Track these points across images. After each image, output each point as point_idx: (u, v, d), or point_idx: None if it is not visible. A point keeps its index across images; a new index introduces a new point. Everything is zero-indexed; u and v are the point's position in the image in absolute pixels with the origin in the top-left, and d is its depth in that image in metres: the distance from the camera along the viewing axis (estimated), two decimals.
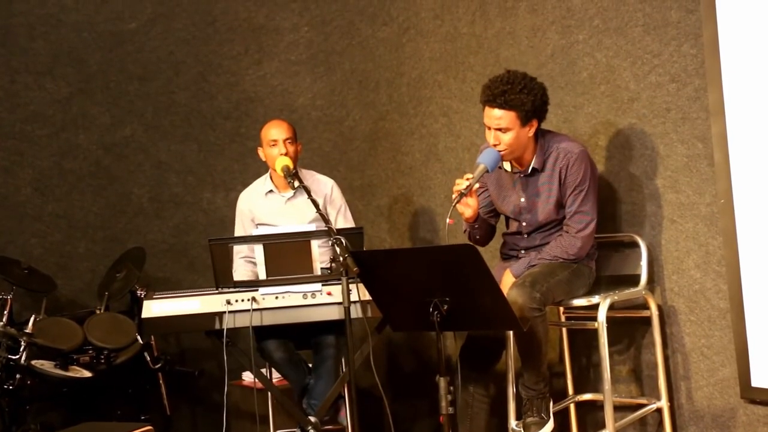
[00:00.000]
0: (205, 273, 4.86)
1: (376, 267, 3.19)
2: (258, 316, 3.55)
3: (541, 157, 3.52)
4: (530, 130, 3.46)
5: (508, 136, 3.42)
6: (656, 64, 3.58)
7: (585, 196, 3.47)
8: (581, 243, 3.48)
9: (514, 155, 3.51)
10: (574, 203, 3.49)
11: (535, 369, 3.40)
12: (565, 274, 3.48)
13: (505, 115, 3.39)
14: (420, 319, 3.08)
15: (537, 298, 3.31)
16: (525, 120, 3.41)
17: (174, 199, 5.33)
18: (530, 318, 3.28)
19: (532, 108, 3.40)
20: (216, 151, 5.34)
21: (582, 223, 3.48)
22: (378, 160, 5.11)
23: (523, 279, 3.42)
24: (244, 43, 5.33)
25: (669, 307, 3.63)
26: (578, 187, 3.46)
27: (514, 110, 3.38)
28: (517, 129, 3.41)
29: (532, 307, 3.29)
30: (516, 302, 3.28)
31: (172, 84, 5.33)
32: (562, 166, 3.47)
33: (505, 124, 3.40)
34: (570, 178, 3.47)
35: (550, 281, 3.41)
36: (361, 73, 5.15)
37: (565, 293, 3.47)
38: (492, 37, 4.33)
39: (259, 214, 4.15)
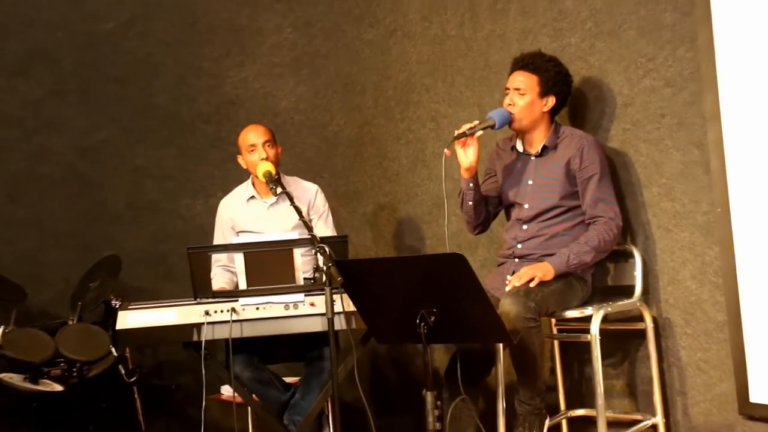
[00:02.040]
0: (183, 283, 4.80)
1: (360, 277, 3.18)
2: (237, 328, 3.52)
3: (554, 137, 3.62)
4: (546, 105, 3.59)
5: (523, 99, 3.57)
6: (651, 68, 3.58)
7: (605, 184, 3.53)
8: (617, 230, 3.50)
9: (523, 124, 3.60)
10: (594, 191, 3.52)
11: (530, 383, 3.39)
12: (558, 285, 3.48)
13: (527, 77, 3.57)
14: (406, 331, 3.06)
15: (532, 308, 3.31)
16: (545, 89, 3.57)
17: (151, 206, 5.30)
18: (525, 329, 3.27)
19: (555, 79, 3.57)
20: (196, 156, 5.32)
21: (611, 212, 3.51)
22: (363, 166, 5.09)
23: (516, 289, 3.41)
24: (226, 44, 5.31)
25: (664, 319, 3.62)
26: (597, 174, 3.52)
27: (537, 74, 3.56)
28: (534, 96, 3.56)
29: (526, 317, 3.28)
30: (509, 312, 3.27)
31: (150, 86, 5.30)
32: (575, 152, 3.55)
33: (525, 86, 3.57)
34: (586, 163, 3.53)
35: (545, 291, 3.41)
36: (347, 76, 5.14)
37: (557, 304, 3.47)
38: (481, 39, 4.33)
39: (241, 221, 4.13)
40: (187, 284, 3.67)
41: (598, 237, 3.48)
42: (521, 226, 3.65)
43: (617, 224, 3.52)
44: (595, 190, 3.52)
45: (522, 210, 3.65)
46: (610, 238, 3.50)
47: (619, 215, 3.53)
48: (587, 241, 3.49)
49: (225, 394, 4.51)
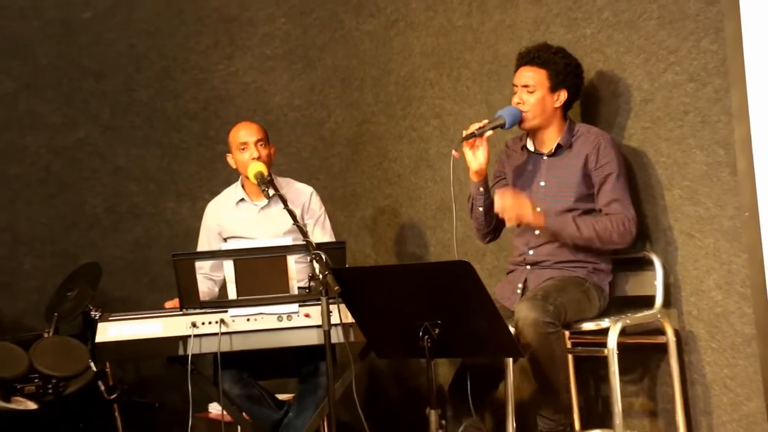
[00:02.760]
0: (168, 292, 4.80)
1: (359, 286, 3.18)
2: (227, 341, 3.52)
3: (568, 135, 3.63)
4: (557, 100, 3.61)
5: (533, 96, 3.59)
6: (672, 61, 3.59)
7: (621, 185, 3.54)
8: (632, 234, 3.50)
9: (534, 123, 3.61)
10: (610, 190, 3.53)
11: (553, 397, 3.39)
12: (577, 293, 3.49)
13: (535, 72, 3.59)
14: (408, 344, 3.06)
15: (551, 312, 3.32)
16: (554, 84, 3.58)
17: (133, 210, 5.30)
18: (544, 335, 3.28)
19: (564, 72, 3.58)
20: (181, 155, 5.32)
21: (628, 213, 3.51)
22: (362, 167, 5.10)
23: (534, 293, 3.43)
24: (214, 35, 5.32)
25: (687, 332, 3.62)
26: (614, 173, 3.53)
27: (545, 68, 3.58)
28: (544, 92, 3.58)
29: (546, 322, 3.29)
30: (527, 318, 3.28)
31: (132, 81, 5.31)
32: (592, 149, 3.57)
33: (533, 82, 3.59)
34: (603, 161, 3.55)
35: (564, 296, 3.42)
36: (344, 69, 5.14)
37: (575, 313, 3.47)
38: (490, 30, 4.33)
39: (229, 226, 4.14)
40: (172, 294, 3.67)
41: (609, 227, 3.49)
42: (533, 231, 3.66)
43: (633, 226, 3.52)
44: (611, 189, 3.53)
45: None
46: (618, 235, 3.49)
47: (635, 219, 3.54)
48: (596, 223, 3.50)
49: (213, 412, 4.51)
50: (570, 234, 3.52)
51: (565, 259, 3.59)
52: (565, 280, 3.54)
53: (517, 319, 3.33)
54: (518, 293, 3.65)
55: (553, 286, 3.48)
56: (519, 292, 3.65)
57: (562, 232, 3.53)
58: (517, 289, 3.67)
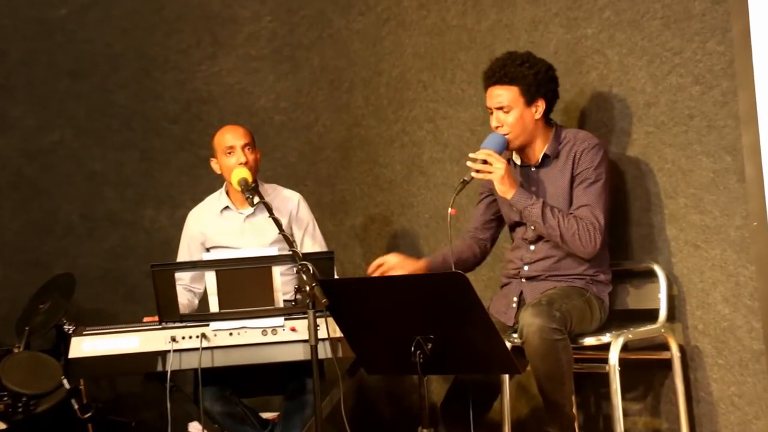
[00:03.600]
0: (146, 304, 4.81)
1: (348, 298, 3.18)
2: (208, 356, 3.52)
3: (555, 144, 3.63)
4: (537, 112, 3.59)
5: (511, 116, 3.57)
6: (677, 63, 3.61)
7: (595, 191, 3.52)
8: (597, 242, 3.48)
9: (520, 141, 3.60)
10: (581, 195, 3.53)
11: (559, 410, 3.39)
12: (580, 302, 3.51)
13: (506, 91, 3.56)
14: (400, 360, 3.06)
15: (558, 318, 3.33)
16: (529, 97, 3.56)
17: (110, 217, 5.30)
18: (550, 343, 3.29)
19: (536, 82, 3.55)
20: (161, 160, 5.32)
21: (594, 219, 3.49)
22: (352, 173, 5.10)
23: (538, 299, 3.44)
24: (196, 34, 5.32)
25: (692, 348, 3.64)
26: (589, 179, 3.53)
27: (516, 84, 3.55)
28: (520, 108, 3.56)
29: (552, 328, 3.30)
30: (531, 324, 3.30)
31: (109, 81, 5.31)
32: (577, 151, 3.57)
33: (507, 101, 3.56)
34: (583, 165, 3.55)
35: (568, 304, 3.44)
36: (333, 70, 5.15)
37: (578, 322, 3.49)
38: (486, 30, 4.35)
39: (213, 235, 4.14)
40: (150, 306, 3.66)
41: (575, 229, 3.47)
42: (528, 247, 3.67)
43: (599, 235, 3.50)
44: (582, 194, 3.53)
45: (527, 230, 3.67)
46: (583, 241, 3.48)
47: (602, 228, 3.50)
48: (563, 220, 3.48)
49: (193, 431, 4.51)
50: (533, 220, 3.53)
51: (563, 273, 3.60)
52: (566, 289, 3.56)
53: (522, 326, 3.34)
54: (513, 307, 3.66)
55: (556, 293, 3.50)
56: (514, 306, 3.66)
57: (526, 212, 3.53)
58: (512, 303, 3.68)
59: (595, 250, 3.51)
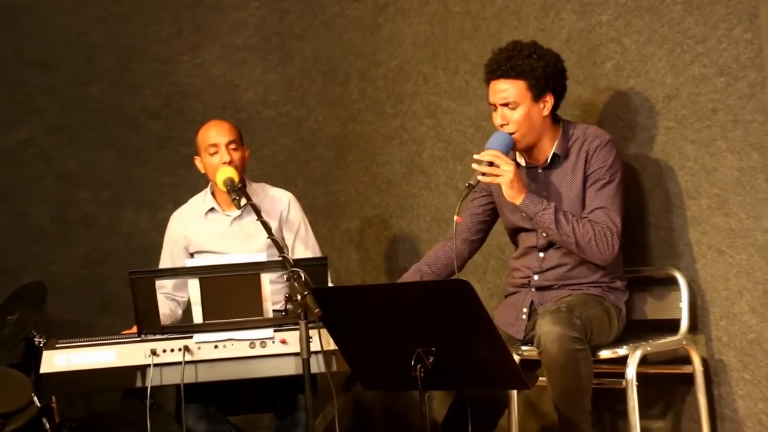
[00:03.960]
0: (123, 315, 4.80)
1: (343, 308, 3.18)
2: (192, 371, 3.51)
3: (564, 142, 3.61)
4: (545, 108, 3.58)
5: (517, 113, 3.55)
6: (700, 52, 3.61)
7: (610, 192, 3.51)
8: (614, 248, 3.47)
9: (527, 140, 3.59)
10: (594, 196, 3.52)
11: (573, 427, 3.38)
12: (599, 310, 3.50)
13: (512, 85, 3.54)
14: (399, 374, 3.06)
15: (578, 326, 3.33)
16: (537, 92, 3.54)
17: (84, 221, 5.29)
18: (570, 353, 3.29)
19: (544, 76, 3.54)
20: (140, 159, 5.31)
21: (612, 223, 3.48)
22: (347, 172, 5.10)
23: (557, 305, 3.44)
24: (177, 22, 5.32)
25: (716, 361, 3.64)
26: (602, 179, 3.52)
27: (523, 78, 3.53)
28: (528, 104, 3.54)
29: (573, 337, 3.30)
30: (550, 333, 3.29)
31: (83, 73, 5.30)
32: (589, 149, 3.56)
33: (513, 97, 3.54)
34: (595, 164, 3.54)
35: (588, 312, 3.43)
36: (326, 61, 5.15)
37: (597, 332, 3.48)
38: (492, 17, 4.35)
39: (197, 240, 4.13)
40: (129, 317, 3.66)
41: (591, 234, 3.46)
42: (537, 255, 3.66)
43: (617, 240, 3.49)
44: (596, 195, 3.52)
45: (535, 236, 3.65)
46: (600, 246, 3.47)
47: (619, 232, 3.50)
48: (578, 225, 3.47)
49: None
50: (545, 226, 3.51)
51: (577, 282, 3.59)
52: (583, 296, 3.55)
53: (539, 334, 3.33)
54: (524, 318, 3.66)
55: (575, 300, 3.49)
56: (524, 317, 3.65)
57: (538, 218, 3.50)
58: (522, 314, 3.67)
59: (613, 255, 3.51)
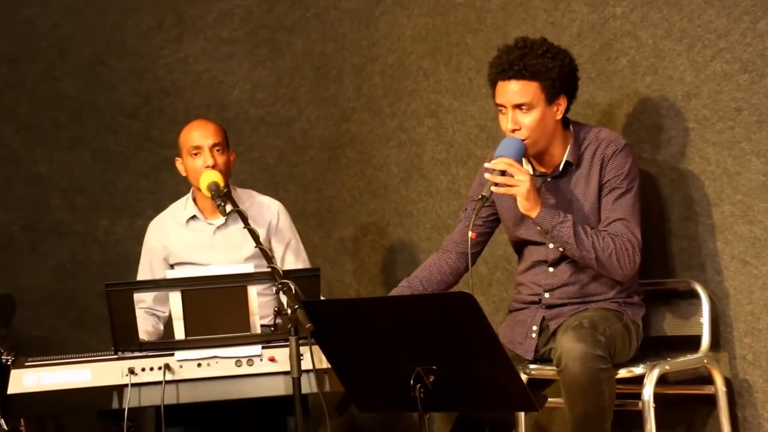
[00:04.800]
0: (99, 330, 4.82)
1: (337, 323, 3.18)
2: (173, 391, 3.51)
3: (576, 148, 3.60)
4: (558, 112, 3.56)
5: (530, 117, 3.52)
6: (722, 47, 3.62)
7: (628, 202, 3.51)
8: (635, 263, 3.47)
9: (538, 147, 3.58)
10: (612, 207, 3.51)
11: None
12: (620, 326, 3.50)
13: (525, 87, 3.51)
14: (397, 395, 3.06)
15: (603, 344, 3.32)
16: (551, 94, 3.52)
17: (57, 228, 5.29)
18: (594, 372, 3.29)
19: (561, 77, 3.52)
20: (118, 161, 5.31)
21: (633, 236, 3.47)
22: (341, 176, 5.11)
23: (578, 320, 3.43)
24: (158, 14, 5.32)
25: (741, 381, 3.64)
26: (620, 188, 3.51)
27: (537, 79, 3.50)
28: (541, 107, 3.52)
29: (597, 356, 3.29)
30: (574, 349, 3.29)
31: (56, 69, 5.30)
32: (605, 155, 3.55)
33: (527, 99, 3.51)
34: (611, 171, 3.53)
35: (611, 327, 3.43)
36: (319, 56, 5.16)
37: (620, 350, 3.47)
38: (497, 9, 4.36)
39: (178, 250, 4.14)
40: (105, 333, 3.66)
41: (612, 249, 3.45)
42: (547, 269, 3.67)
43: (638, 254, 3.49)
44: (614, 206, 3.52)
45: (544, 249, 3.65)
46: (622, 261, 3.46)
47: (640, 245, 3.50)
48: (597, 239, 3.45)
49: None
50: (563, 240, 3.48)
51: (592, 300, 3.59)
52: (602, 312, 3.54)
53: (560, 352, 3.33)
54: (533, 337, 3.65)
55: (596, 315, 3.48)
56: (534, 336, 3.65)
57: (555, 232, 3.47)
58: (531, 332, 3.66)
59: (634, 271, 3.51)
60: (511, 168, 3.43)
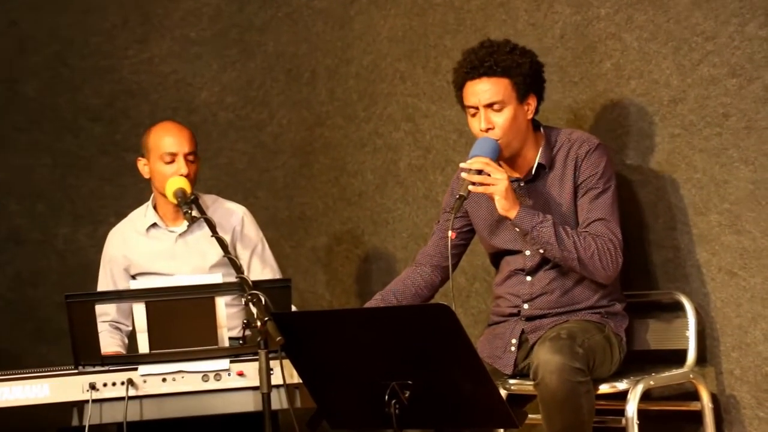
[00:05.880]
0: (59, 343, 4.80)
1: (308, 336, 3.18)
2: (136, 407, 3.49)
3: (548, 150, 3.62)
4: (528, 111, 3.61)
5: (503, 116, 3.55)
6: (710, 50, 3.63)
7: (606, 201, 3.53)
8: (618, 263, 3.49)
9: (512, 148, 3.60)
10: (590, 207, 3.53)
11: None
12: (600, 338, 3.51)
13: (496, 84, 3.55)
14: (371, 411, 3.06)
15: (580, 356, 3.33)
16: (522, 92, 3.56)
17: (14, 236, 5.28)
18: (571, 386, 3.29)
19: (530, 73, 3.57)
20: (79, 166, 5.30)
21: (613, 236, 3.49)
22: (313, 182, 5.10)
23: (556, 332, 3.44)
24: (122, 11, 5.31)
25: (728, 397, 3.65)
26: (596, 188, 3.53)
27: (508, 76, 3.55)
28: (513, 105, 3.56)
29: (575, 368, 3.30)
30: (550, 361, 3.30)
31: (13, 68, 5.29)
32: (577, 156, 3.57)
33: (499, 97, 3.54)
34: (586, 172, 3.56)
35: (590, 339, 3.44)
36: (291, 58, 5.15)
37: (600, 363, 3.48)
38: (477, 9, 4.37)
39: (138, 260, 4.12)
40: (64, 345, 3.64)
41: (594, 249, 3.47)
42: (524, 278, 3.67)
43: (620, 254, 3.51)
44: (593, 206, 3.54)
45: (521, 258, 3.67)
46: (604, 261, 3.48)
47: (621, 244, 3.52)
48: (579, 239, 3.47)
49: None
50: (543, 241, 3.49)
51: (573, 309, 3.60)
52: (582, 323, 3.55)
53: (537, 365, 3.34)
54: (512, 351, 3.66)
55: (576, 326, 3.49)
56: (513, 350, 3.66)
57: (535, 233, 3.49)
58: (510, 345, 3.67)
59: (617, 271, 3.53)
60: (487, 167, 3.45)
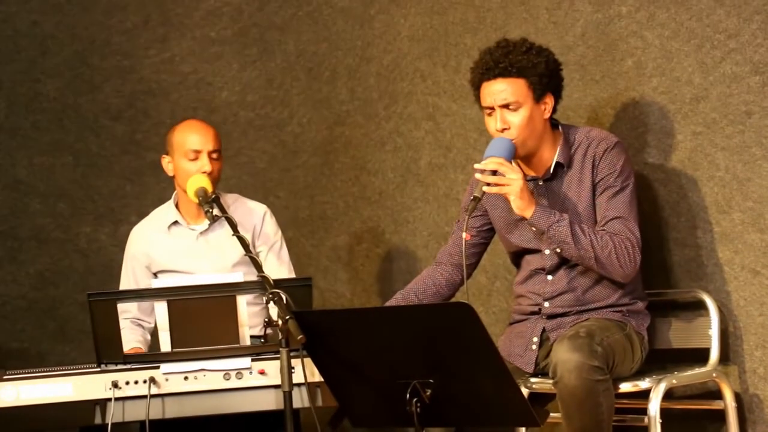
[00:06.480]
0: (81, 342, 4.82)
1: (330, 334, 3.19)
2: (158, 406, 3.51)
3: (566, 149, 3.63)
4: (546, 111, 3.61)
5: (518, 116, 3.56)
6: (732, 48, 3.63)
7: (624, 199, 3.53)
8: (636, 262, 3.50)
9: (527, 148, 3.60)
10: (608, 206, 3.54)
11: None
12: (620, 337, 3.51)
13: (511, 84, 3.55)
14: (392, 409, 3.07)
15: (599, 354, 3.33)
16: (539, 92, 3.57)
17: (37, 235, 5.29)
18: (590, 384, 3.29)
19: (547, 72, 3.57)
20: (101, 165, 5.31)
21: (631, 234, 3.50)
22: (334, 181, 5.11)
23: (575, 330, 3.45)
24: (143, 11, 5.32)
25: (751, 396, 3.65)
26: (614, 186, 3.54)
27: (524, 76, 3.55)
28: (530, 105, 3.56)
29: (594, 367, 3.30)
30: (569, 360, 3.30)
31: (36, 68, 5.30)
32: (595, 154, 3.58)
33: (514, 97, 3.55)
34: (604, 170, 3.56)
35: (610, 338, 3.44)
36: (311, 57, 5.16)
37: (620, 361, 3.48)
38: (497, 8, 4.37)
39: (160, 258, 4.14)
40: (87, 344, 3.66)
41: (611, 247, 3.47)
42: (545, 277, 3.68)
43: (638, 253, 3.52)
44: (610, 204, 3.54)
45: (540, 257, 3.67)
46: (622, 260, 3.48)
47: (639, 243, 3.52)
48: (595, 238, 3.47)
49: None
50: (560, 240, 3.50)
51: (594, 307, 3.61)
52: (603, 321, 3.56)
53: (555, 363, 3.34)
54: (533, 349, 3.67)
55: (595, 325, 3.50)
56: (534, 348, 3.66)
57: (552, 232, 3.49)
58: (531, 343, 3.68)
59: (635, 270, 3.53)
60: (501, 167, 3.46)
